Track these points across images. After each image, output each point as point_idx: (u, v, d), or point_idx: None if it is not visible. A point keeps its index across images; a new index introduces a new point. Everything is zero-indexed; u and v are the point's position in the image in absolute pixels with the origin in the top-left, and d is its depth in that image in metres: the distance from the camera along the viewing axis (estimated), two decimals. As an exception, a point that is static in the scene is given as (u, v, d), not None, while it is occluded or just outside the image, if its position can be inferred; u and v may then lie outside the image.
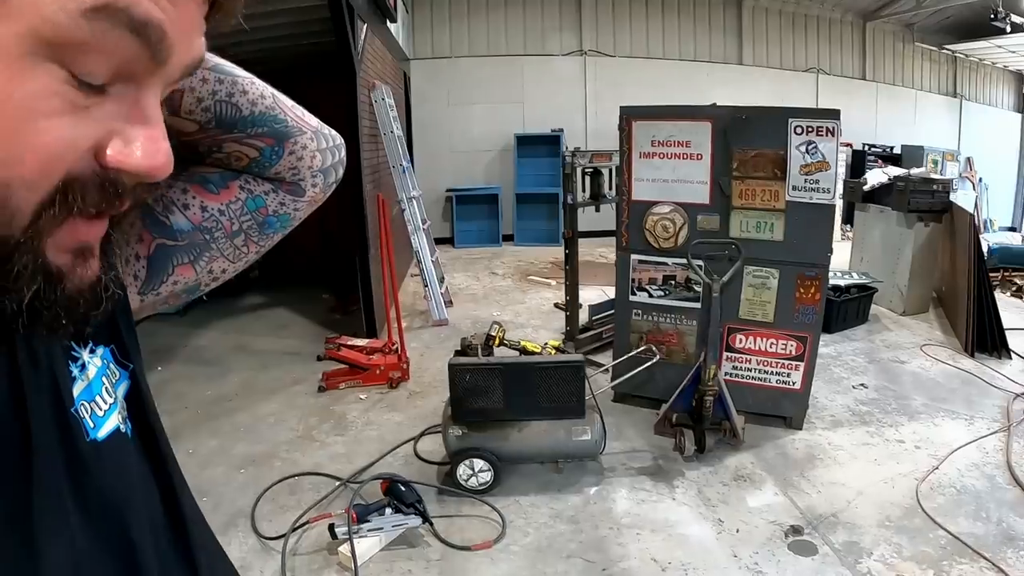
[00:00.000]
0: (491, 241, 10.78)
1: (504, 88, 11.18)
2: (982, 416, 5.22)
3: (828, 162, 4.19)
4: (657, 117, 4.53)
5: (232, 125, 0.77)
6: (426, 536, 3.44)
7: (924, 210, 7.72)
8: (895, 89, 15.00)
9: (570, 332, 5.74)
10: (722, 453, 4.36)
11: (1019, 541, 3.59)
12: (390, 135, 6.75)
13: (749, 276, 4.47)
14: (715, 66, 12.66)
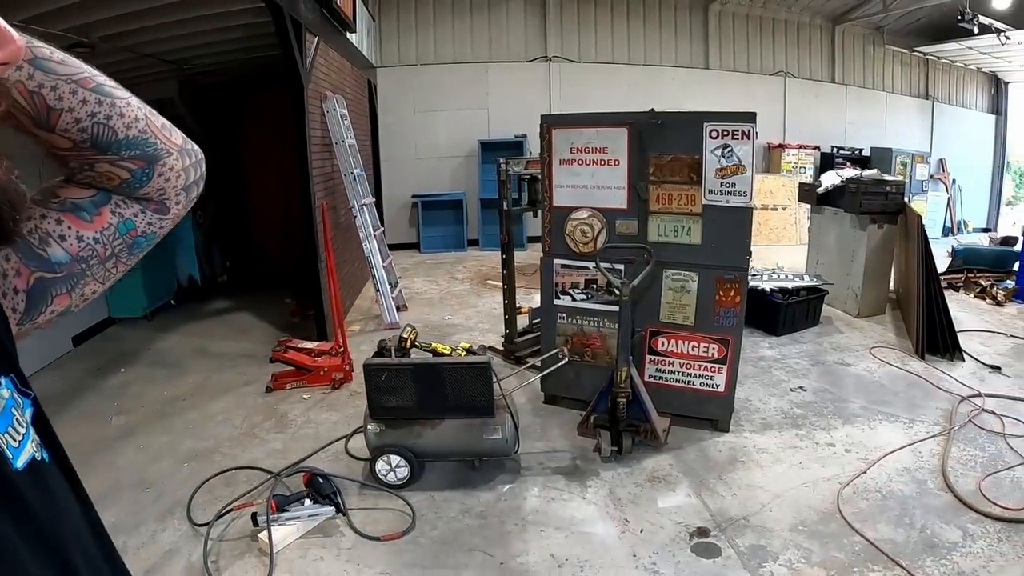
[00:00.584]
0: (456, 246, 10.86)
1: (469, 95, 11.25)
2: (923, 420, 5.24)
3: (744, 165, 4.23)
4: (576, 124, 4.58)
5: (107, 147, 0.80)
6: (342, 526, 3.59)
7: (877, 212, 7.76)
8: (865, 92, 15.05)
9: (509, 335, 5.79)
10: (642, 454, 4.40)
11: (941, 549, 3.60)
12: (341, 144, 6.82)
13: (668, 279, 4.51)
14: (681, 70, 12.72)
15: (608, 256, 4.44)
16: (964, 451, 4.75)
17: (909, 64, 15.72)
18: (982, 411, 5.43)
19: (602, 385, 4.26)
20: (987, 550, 3.61)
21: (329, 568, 3.26)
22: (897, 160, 13.75)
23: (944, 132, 16.28)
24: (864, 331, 7.53)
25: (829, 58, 14.49)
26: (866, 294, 7.95)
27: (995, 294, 9.37)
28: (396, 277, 7.50)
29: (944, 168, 16.03)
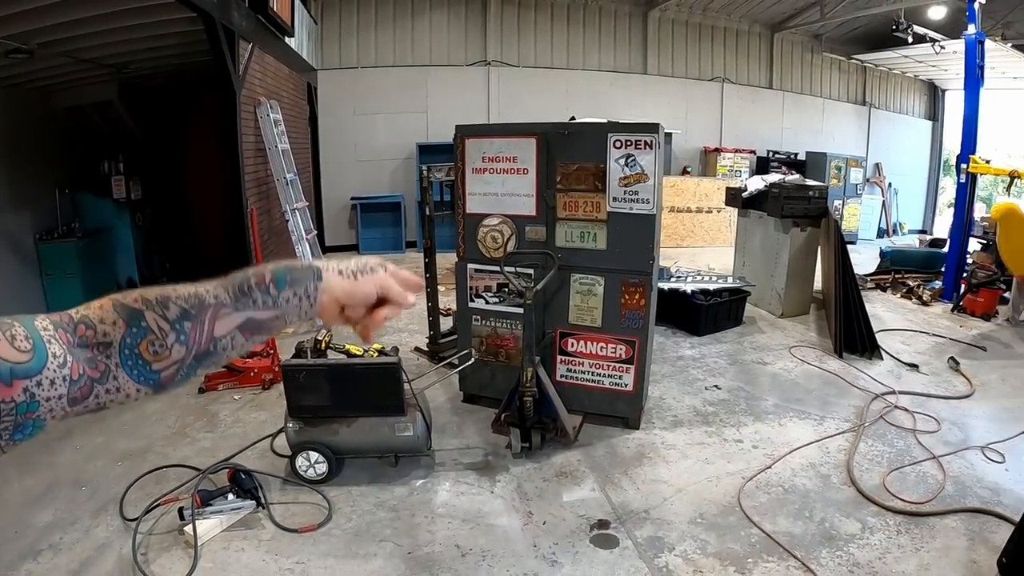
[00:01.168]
0: (395, 248, 10.93)
1: (409, 98, 11.32)
2: (834, 417, 5.45)
3: (647, 174, 4.42)
4: (487, 135, 4.75)
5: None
6: (263, 519, 3.73)
7: (799, 216, 8.03)
8: (802, 97, 15.45)
9: (433, 337, 5.93)
10: (552, 451, 4.56)
11: (839, 541, 3.77)
12: (274, 150, 6.90)
13: (576, 283, 4.69)
14: (619, 75, 12.93)
15: (515, 261, 4.61)
16: (872, 447, 4.95)
17: (847, 71, 16.15)
18: (894, 408, 5.66)
19: (512, 384, 4.42)
20: (885, 542, 3.78)
21: (249, 558, 3.38)
22: (832, 164, 14.15)
23: (881, 137, 16.75)
24: (786, 331, 7.78)
25: (767, 64, 14.83)
26: (789, 295, 8.21)
27: (921, 294, 9.71)
28: (330, 280, 7.59)
29: (880, 172, 16.49)
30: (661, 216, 4.91)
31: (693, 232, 13.22)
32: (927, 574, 3.53)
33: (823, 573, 3.47)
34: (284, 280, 0.94)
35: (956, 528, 3.95)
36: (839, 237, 7.65)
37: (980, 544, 3.78)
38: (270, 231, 7.19)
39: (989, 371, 6.77)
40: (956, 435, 5.24)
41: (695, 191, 13.08)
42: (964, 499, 4.28)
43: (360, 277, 1.02)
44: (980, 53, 9.10)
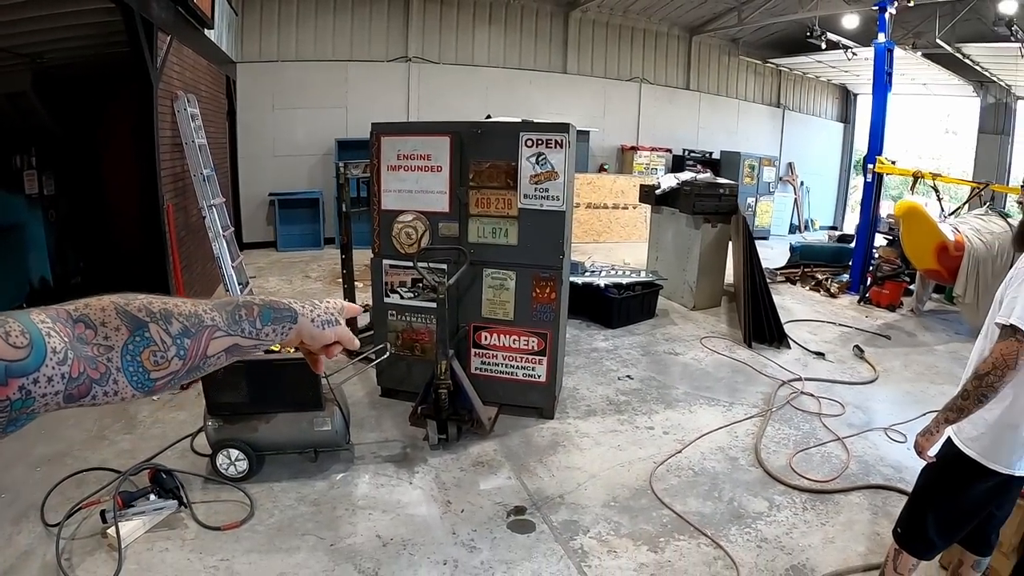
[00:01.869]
0: (313, 245, 10.79)
1: (329, 93, 11.22)
2: (743, 403, 5.72)
3: (557, 172, 4.57)
4: (403, 133, 4.84)
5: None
6: (186, 519, 3.71)
7: (710, 212, 8.33)
8: (718, 99, 15.91)
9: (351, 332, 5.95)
10: (469, 442, 4.68)
11: (747, 518, 3.99)
12: (191, 145, 6.79)
13: (488, 278, 4.82)
14: (539, 74, 13.09)
15: (429, 257, 4.70)
16: (779, 430, 5.22)
17: (762, 74, 16.70)
18: (801, 394, 5.97)
19: (428, 378, 4.50)
20: (791, 518, 4.02)
21: (174, 558, 3.37)
22: (745, 163, 14.66)
23: (794, 137, 17.40)
24: (697, 323, 8.07)
25: (685, 66, 15.21)
26: (700, 288, 8.52)
27: (829, 287, 10.18)
28: (247, 277, 7.52)
29: (793, 171, 17.13)
30: (572, 213, 5.05)
31: (609, 228, 13.49)
32: (832, 546, 3.77)
33: (733, 549, 3.66)
34: (269, 317, 1.06)
35: (860, 504, 4.23)
36: (748, 233, 7.96)
37: (883, 517, 4.06)
38: (187, 228, 7.08)
39: (893, 358, 7.17)
40: (860, 417, 5.57)
41: (611, 188, 13.34)
42: (868, 477, 4.58)
43: (326, 328, 1.15)
44: (889, 60, 9.64)
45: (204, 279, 7.77)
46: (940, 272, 7.91)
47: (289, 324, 1.09)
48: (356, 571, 3.32)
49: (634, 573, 3.44)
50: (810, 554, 3.69)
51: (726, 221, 8.44)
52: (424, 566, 3.39)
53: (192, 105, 6.99)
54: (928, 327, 8.63)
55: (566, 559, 3.51)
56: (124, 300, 0.88)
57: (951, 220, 8.57)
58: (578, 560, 3.51)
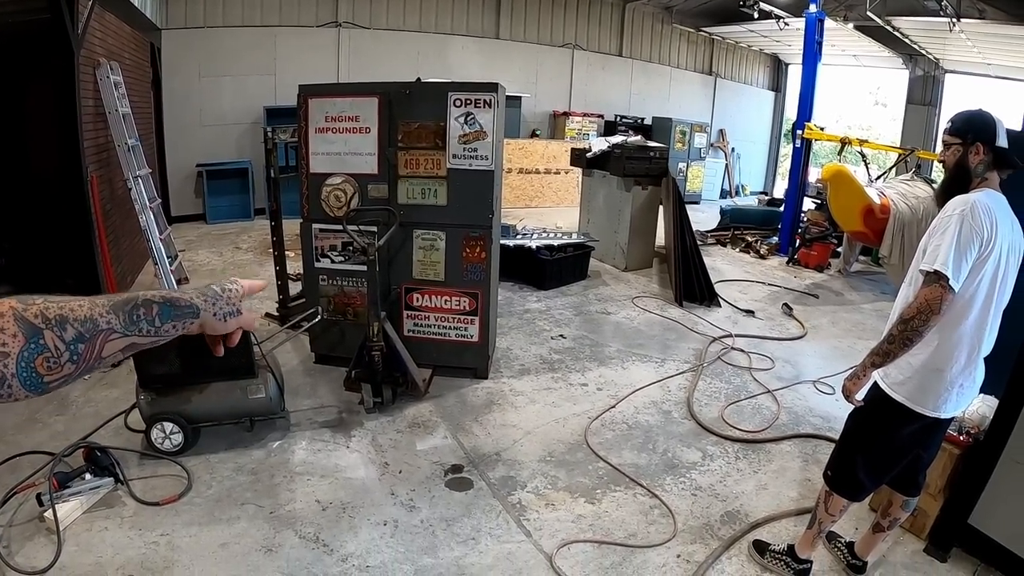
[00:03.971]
0: (243, 215, 10.47)
1: (257, 60, 10.86)
2: (675, 359, 5.85)
3: (486, 131, 4.58)
4: (330, 94, 4.74)
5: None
6: (123, 496, 3.62)
7: (641, 175, 8.44)
8: (651, 66, 15.99)
9: (282, 301, 5.90)
10: (404, 404, 4.69)
11: (681, 468, 4.11)
12: (115, 114, 6.56)
13: (419, 239, 4.81)
14: (471, 40, 12.92)
15: (358, 219, 4.66)
16: (711, 384, 5.39)
17: (695, 43, 16.83)
18: (731, 349, 6.15)
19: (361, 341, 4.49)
20: (724, 467, 4.17)
21: (114, 537, 3.29)
22: (677, 129, 14.86)
23: (726, 105, 17.67)
24: (629, 283, 8.21)
25: (618, 33, 15.21)
26: (632, 249, 8.67)
27: (759, 248, 10.45)
28: (175, 249, 7.35)
29: (724, 137, 17.43)
30: (501, 172, 5.06)
31: (542, 193, 13.55)
32: (765, 493, 3.92)
33: (668, 498, 3.78)
34: (168, 315, 1.05)
35: (791, 452, 4.40)
36: (678, 195, 8.12)
37: (813, 464, 4.25)
38: (112, 200, 6.85)
39: (820, 316, 7.43)
40: (789, 371, 5.78)
41: (543, 153, 13.38)
42: (798, 427, 4.77)
43: (228, 320, 1.16)
44: (820, 30, 9.90)
45: (132, 253, 7.56)
46: (866, 234, 8.16)
47: (190, 319, 1.09)
48: (297, 537, 3.32)
49: (572, 525, 3.51)
50: (744, 500, 3.83)
51: (657, 184, 8.56)
52: (364, 528, 3.40)
53: (115, 73, 6.74)
54: (855, 287, 8.96)
55: (505, 514, 3.57)
56: (23, 305, 0.90)
57: (877, 184, 8.87)
58: (517, 514, 3.57)
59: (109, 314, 0.98)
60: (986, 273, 2.47)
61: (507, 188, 11.76)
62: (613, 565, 3.24)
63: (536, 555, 3.27)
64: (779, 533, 3.55)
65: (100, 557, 3.15)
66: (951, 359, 2.59)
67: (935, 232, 2.49)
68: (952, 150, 2.61)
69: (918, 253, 2.63)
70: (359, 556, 3.19)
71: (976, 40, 11.44)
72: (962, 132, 2.59)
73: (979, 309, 2.54)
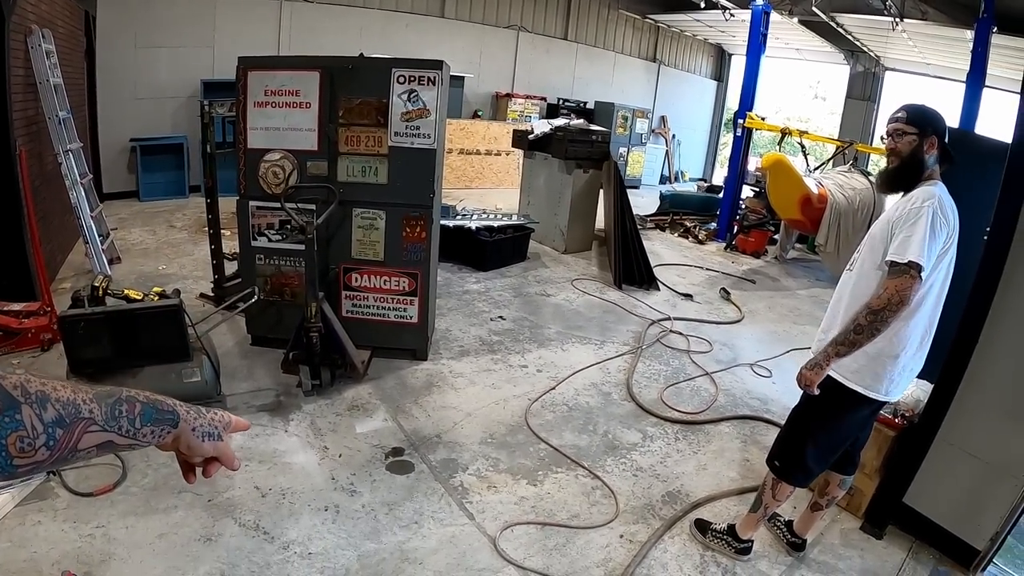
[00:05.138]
0: (178, 193, 10.08)
1: (195, 31, 10.39)
2: (614, 341, 5.89)
3: (429, 110, 4.51)
4: (270, 67, 4.60)
5: None
6: (56, 487, 3.46)
7: (583, 158, 8.47)
8: (595, 51, 15.98)
9: (218, 280, 5.75)
10: (343, 386, 4.63)
11: (621, 449, 4.15)
12: (46, 83, 6.26)
13: (358, 218, 4.72)
14: (416, 17, 12.69)
15: (296, 196, 4.56)
16: (650, 366, 5.44)
17: (640, 29, 16.87)
18: (670, 332, 6.23)
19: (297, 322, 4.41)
20: (664, 448, 4.22)
21: (48, 531, 3.16)
22: (619, 114, 14.94)
23: (668, 92, 17.81)
24: (569, 265, 8.25)
25: (563, 17, 15.15)
26: (572, 232, 8.72)
27: (698, 234, 10.61)
28: (107, 228, 7.10)
29: (665, 124, 17.61)
30: (443, 152, 5.01)
31: (482, 174, 13.48)
32: (705, 473, 3.99)
33: (609, 479, 3.82)
34: (150, 416, 1.00)
35: (729, 433, 4.50)
36: (619, 179, 8.17)
37: (752, 445, 4.35)
38: (42, 176, 6.55)
39: (758, 300, 7.59)
40: (727, 354, 5.90)
41: (485, 134, 13.31)
42: (736, 408, 4.88)
43: (207, 441, 1.10)
44: (765, 22, 10.10)
45: (63, 232, 7.26)
46: (803, 222, 8.37)
47: (169, 427, 1.04)
48: (236, 524, 3.25)
49: (515, 507, 3.52)
50: (684, 481, 3.89)
51: (598, 167, 8.61)
52: (305, 513, 3.35)
53: (48, 41, 6.44)
54: (791, 273, 9.18)
55: (447, 496, 3.56)
56: (0, 373, 0.82)
57: (816, 175, 9.08)
58: (459, 497, 3.56)
59: (92, 403, 0.91)
60: (943, 263, 2.54)
61: (448, 168, 11.68)
62: (557, 547, 3.25)
63: (480, 538, 3.26)
64: (720, 513, 3.62)
65: (35, 552, 3.02)
66: (905, 344, 2.65)
67: (901, 223, 2.50)
68: (907, 140, 2.63)
69: (870, 242, 2.67)
70: (301, 543, 3.14)
71: (917, 40, 11.74)
72: (920, 124, 2.63)
73: (935, 296, 2.62)
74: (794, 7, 12.26)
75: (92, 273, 6.49)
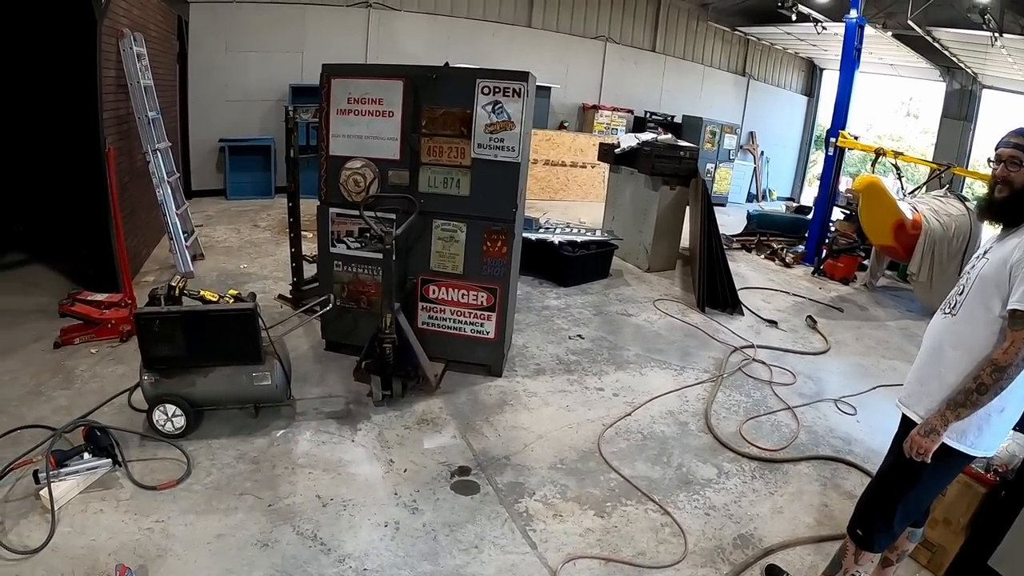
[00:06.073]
0: (264, 193, 10.38)
1: (285, 37, 10.68)
2: (694, 367, 5.67)
3: (513, 122, 4.42)
4: (354, 75, 4.59)
5: None
6: (121, 478, 3.53)
7: (669, 174, 8.25)
8: (683, 63, 15.72)
9: (296, 283, 5.79)
10: (414, 398, 4.56)
11: (695, 485, 3.94)
12: (136, 86, 6.48)
13: (438, 229, 4.67)
14: (502, 27, 12.73)
15: (376, 205, 4.53)
16: (730, 396, 5.20)
17: (730, 42, 16.54)
18: (752, 361, 5.96)
19: (374, 331, 4.36)
20: (740, 486, 3.99)
21: (109, 520, 3.21)
22: (707, 129, 14.62)
23: (757, 107, 17.37)
24: (652, 284, 8.03)
25: (652, 28, 14.95)
26: (656, 250, 8.48)
27: (785, 256, 10.23)
28: (192, 225, 7.27)
29: (754, 140, 17.16)
30: (527, 165, 4.90)
31: (567, 186, 13.36)
32: (780, 517, 3.74)
33: (680, 516, 3.62)
34: None
35: (809, 474, 4.21)
36: (706, 197, 7.93)
37: (832, 489, 4.05)
38: (131, 173, 6.77)
39: (845, 330, 7.21)
40: (811, 388, 5.58)
41: (571, 146, 13.20)
42: (817, 447, 4.57)
43: None
44: (859, 37, 9.63)
45: (149, 227, 7.48)
46: (896, 249, 7.99)
47: None
48: (295, 532, 3.21)
49: (579, 538, 3.37)
50: (758, 524, 3.67)
51: (685, 184, 8.38)
52: (365, 528, 3.29)
53: (139, 44, 6.66)
54: (880, 302, 8.73)
55: (510, 522, 3.44)
56: None
57: (910, 199, 8.64)
58: (523, 523, 3.44)
59: None
60: None
61: (532, 179, 11.61)
62: (619, 585, 3.09)
63: (540, 569, 3.13)
64: (793, 561, 3.39)
65: (93, 540, 3.06)
66: (1011, 396, 2.36)
67: (1021, 265, 2.24)
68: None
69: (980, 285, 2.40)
70: (357, 558, 3.08)
71: (1017, 57, 11.14)
72: None
73: None
74: (888, 20, 11.80)
75: (175, 268, 6.65)
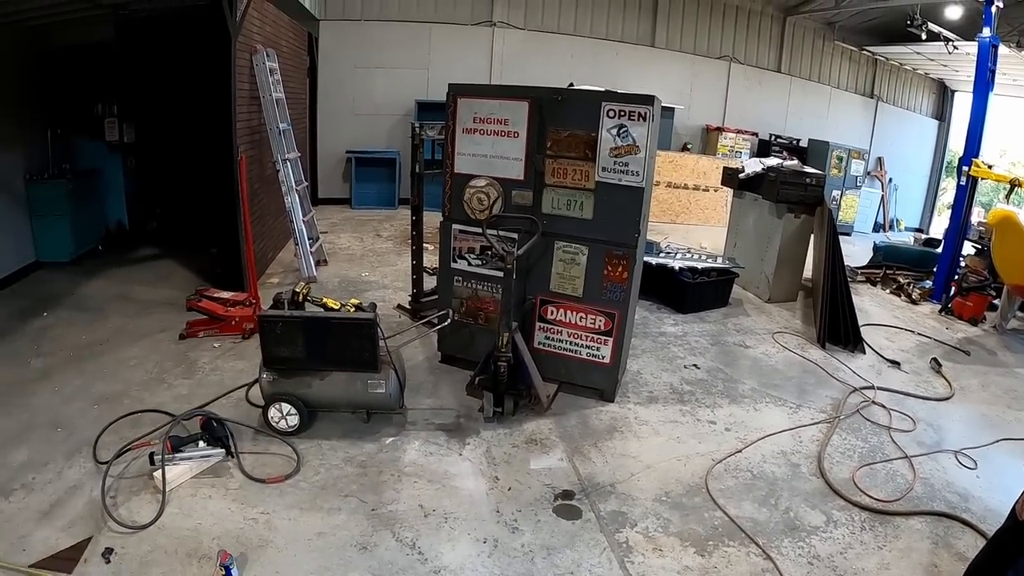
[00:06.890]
0: (387, 204, 10.77)
1: (411, 54, 11.08)
2: (810, 406, 5.41)
3: (638, 146, 4.36)
4: (480, 95, 4.66)
5: None
6: (232, 468, 3.73)
7: (794, 202, 7.96)
8: (810, 84, 15.26)
9: (415, 295, 5.90)
10: (524, 417, 4.56)
11: (801, 531, 3.74)
12: (268, 99, 6.81)
13: (560, 251, 4.66)
14: (625, 46, 12.70)
15: (499, 224, 4.57)
16: (845, 440, 4.92)
17: (857, 62, 15.94)
18: (872, 403, 5.62)
19: (489, 348, 4.40)
20: (848, 537, 3.75)
21: (216, 506, 3.39)
22: (833, 154, 14.00)
23: (885, 131, 16.59)
24: (771, 316, 7.74)
25: (777, 47, 14.62)
26: (778, 280, 8.18)
27: (911, 292, 9.66)
28: (317, 232, 7.54)
29: (882, 166, 16.40)
30: (651, 190, 4.84)
31: (688, 209, 13.14)
32: (887, 573, 3.50)
33: (783, 563, 3.44)
34: None
35: (921, 530, 3.92)
36: (832, 227, 7.60)
37: (943, 549, 3.75)
38: (261, 180, 7.13)
39: (971, 376, 6.73)
40: (931, 436, 5.20)
41: (694, 168, 12.99)
42: (932, 502, 4.24)
43: None
44: (993, 57, 8.96)
45: (276, 232, 7.84)
46: (1030, 290, 7.43)
47: None
48: (394, 539, 3.26)
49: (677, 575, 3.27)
50: (862, 580, 3.44)
51: (810, 212, 8.06)
52: (463, 542, 3.30)
53: (271, 60, 7.01)
54: (1010, 347, 8.10)
55: (609, 552, 3.37)
56: None
57: (1049, 236, 8.03)
58: (621, 555, 3.36)
59: None
60: None
61: (654, 202, 11.49)
62: (713, 631, 2.97)
63: (634, 604, 3.04)
64: (894, 622, 3.16)
65: (199, 524, 3.23)
66: None
67: None
68: None
69: None
70: (452, 571, 3.10)
71: None
72: None
73: None
74: (1022, 38, 11.04)
75: (299, 272, 6.90)
